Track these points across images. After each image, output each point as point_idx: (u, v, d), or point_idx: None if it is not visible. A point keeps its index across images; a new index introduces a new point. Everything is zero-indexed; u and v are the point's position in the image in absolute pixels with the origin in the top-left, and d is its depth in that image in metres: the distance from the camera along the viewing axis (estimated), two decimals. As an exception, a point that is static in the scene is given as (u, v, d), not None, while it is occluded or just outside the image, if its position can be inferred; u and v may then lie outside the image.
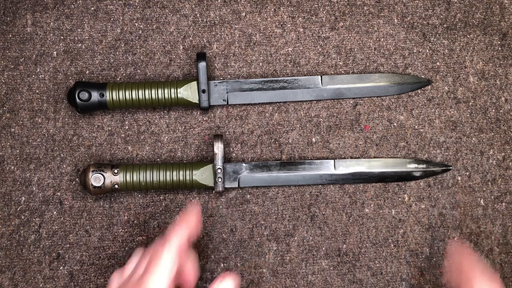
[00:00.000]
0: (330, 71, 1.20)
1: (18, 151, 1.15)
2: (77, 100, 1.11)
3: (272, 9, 1.22)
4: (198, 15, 1.21)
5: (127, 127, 1.17)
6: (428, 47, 1.21)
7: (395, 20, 1.22)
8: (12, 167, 1.15)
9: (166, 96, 1.12)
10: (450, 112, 1.19)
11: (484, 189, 1.16)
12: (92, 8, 1.21)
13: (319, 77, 1.17)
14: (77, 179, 1.15)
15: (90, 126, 1.17)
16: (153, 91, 1.12)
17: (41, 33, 1.20)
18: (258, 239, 1.13)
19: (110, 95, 1.11)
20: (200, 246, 1.13)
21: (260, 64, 1.20)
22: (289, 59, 1.20)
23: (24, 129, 1.16)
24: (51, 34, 1.20)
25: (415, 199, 1.15)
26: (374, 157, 1.17)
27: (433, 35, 1.22)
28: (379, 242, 1.13)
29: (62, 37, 1.20)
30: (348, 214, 1.14)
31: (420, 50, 1.21)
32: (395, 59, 1.20)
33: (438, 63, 1.21)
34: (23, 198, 1.14)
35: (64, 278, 1.11)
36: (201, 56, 1.12)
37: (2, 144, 1.16)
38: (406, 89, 1.18)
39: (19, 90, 1.18)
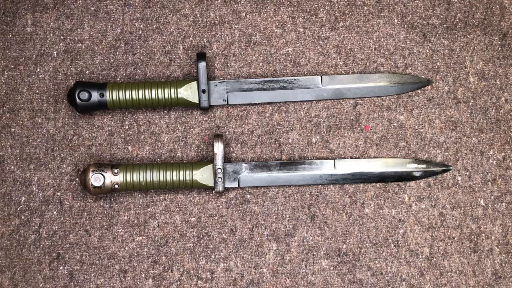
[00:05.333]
0: (330, 71, 1.20)
1: (18, 151, 1.15)
2: (77, 100, 1.11)
3: (272, 9, 1.22)
4: (198, 15, 1.21)
5: (127, 127, 1.17)
6: (428, 47, 1.21)
7: (395, 20, 1.22)
8: (12, 167, 1.15)
9: (166, 96, 1.12)
10: (450, 112, 1.19)
11: (484, 189, 1.16)
12: (92, 8, 1.21)
13: (319, 77, 1.17)
14: (77, 179, 1.15)
15: (90, 126, 1.17)
16: (153, 91, 1.12)
17: (41, 33, 1.20)
18: (258, 239, 1.13)
19: (110, 95, 1.11)
20: (201, 246, 1.13)
21: (260, 64, 1.20)
22: (289, 59, 1.20)
23: (24, 129, 1.16)
24: (51, 34, 1.20)
25: (415, 199, 1.15)
26: (374, 157, 1.17)
27: (433, 35, 1.22)
28: (379, 242, 1.13)
29: (62, 37, 1.20)
30: (348, 214, 1.14)
31: (420, 50, 1.21)
32: (395, 59, 1.20)
33: (438, 63, 1.21)
34: (23, 198, 1.14)
35: (64, 278, 1.11)
36: (201, 56, 1.12)
37: (2, 144, 1.16)
38: (406, 89, 1.18)
39: (19, 90, 1.18)
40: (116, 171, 1.09)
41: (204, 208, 1.14)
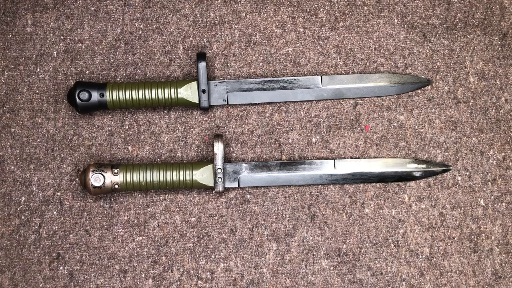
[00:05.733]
0: (330, 71, 1.20)
1: (18, 151, 1.15)
2: (77, 100, 1.11)
3: (272, 9, 1.22)
4: (198, 15, 1.21)
5: (127, 127, 1.17)
6: (428, 47, 1.21)
7: (395, 20, 1.22)
8: (12, 167, 1.15)
9: (166, 96, 1.12)
10: (450, 112, 1.19)
11: (484, 189, 1.16)
12: (92, 8, 1.21)
13: (319, 77, 1.17)
14: (77, 179, 1.15)
15: (90, 126, 1.17)
16: (153, 91, 1.12)
17: (41, 33, 1.20)
18: (258, 239, 1.13)
19: (110, 95, 1.11)
20: (201, 246, 1.13)
21: (260, 64, 1.20)
22: (289, 59, 1.20)
23: (24, 129, 1.16)
24: (51, 34, 1.20)
25: (415, 199, 1.15)
26: (374, 157, 1.17)
27: (433, 35, 1.22)
28: (379, 242, 1.13)
29: (62, 37, 1.20)
30: (348, 214, 1.14)
31: (420, 50, 1.21)
32: (395, 59, 1.20)
33: (438, 63, 1.21)
34: (23, 198, 1.14)
35: (64, 278, 1.11)
36: (201, 56, 1.12)
37: (2, 144, 1.16)
38: (406, 89, 1.18)
39: (19, 90, 1.18)
40: (116, 171, 1.09)
41: (204, 208, 1.14)
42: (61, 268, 1.12)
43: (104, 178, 1.08)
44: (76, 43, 1.20)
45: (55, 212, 1.14)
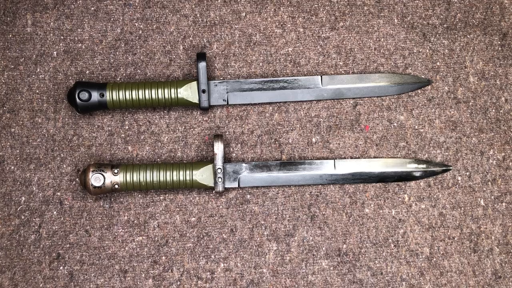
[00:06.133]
0: (330, 71, 1.20)
1: (18, 151, 1.15)
2: (77, 100, 1.11)
3: (272, 9, 1.22)
4: (198, 15, 1.21)
5: (127, 127, 1.17)
6: (428, 47, 1.21)
7: (395, 20, 1.22)
8: (12, 167, 1.15)
9: (166, 96, 1.12)
10: (450, 112, 1.19)
11: (484, 189, 1.16)
12: (92, 8, 1.21)
13: (319, 77, 1.17)
14: (77, 179, 1.15)
15: (90, 126, 1.17)
16: (153, 91, 1.12)
17: (41, 33, 1.20)
18: (258, 239, 1.13)
19: (110, 95, 1.11)
20: (201, 246, 1.13)
21: (260, 64, 1.20)
22: (289, 59, 1.20)
23: (24, 129, 1.16)
24: (51, 34, 1.20)
25: (415, 199, 1.15)
26: (374, 157, 1.17)
27: (433, 35, 1.22)
28: (379, 242, 1.13)
29: (62, 37, 1.20)
30: (348, 214, 1.14)
31: (420, 50, 1.21)
32: (395, 59, 1.20)
33: (438, 63, 1.21)
34: (23, 198, 1.14)
35: (64, 278, 1.11)
36: (201, 56, 1.12)
37: (2, 144, 1.16)
38: (406, 89, 1.18)
39: (19, 90, 1.18)
40: (116, 171, 1.09)
41: (204, 208, 1.14)
42: (61, 268, 1.12)
43: (104, 178, 1.08)
44: (76, 43, 1.20)
45: (55, 212, 1.14)
